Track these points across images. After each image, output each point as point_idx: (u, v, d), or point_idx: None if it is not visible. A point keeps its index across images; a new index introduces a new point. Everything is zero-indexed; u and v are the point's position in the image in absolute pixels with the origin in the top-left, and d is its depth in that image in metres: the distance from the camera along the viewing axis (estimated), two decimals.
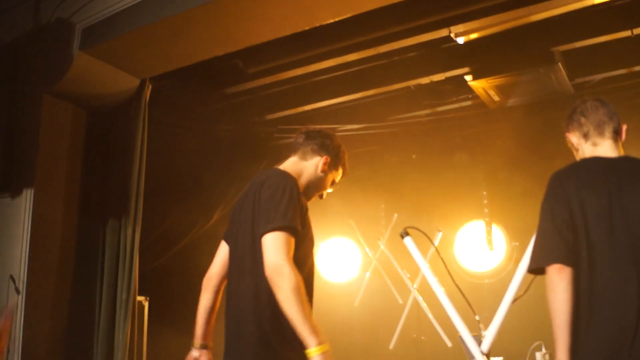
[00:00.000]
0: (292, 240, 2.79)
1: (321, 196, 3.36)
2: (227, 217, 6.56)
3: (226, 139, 6.57)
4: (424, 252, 3.82)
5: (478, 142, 6.68)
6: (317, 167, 3.22)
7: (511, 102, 5.68)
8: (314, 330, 2.65)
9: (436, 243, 6.69)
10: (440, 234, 6.72)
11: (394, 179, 7.12)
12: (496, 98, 5.56)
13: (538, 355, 4.37)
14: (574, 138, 3.09)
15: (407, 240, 3.31)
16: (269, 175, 3.00)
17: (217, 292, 3.19)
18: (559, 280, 2.61)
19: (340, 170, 3.35)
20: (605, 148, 2.95)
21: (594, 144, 2.96)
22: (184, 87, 5.67)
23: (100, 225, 4.91)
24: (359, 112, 6.40)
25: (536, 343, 4.45)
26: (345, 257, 7.48)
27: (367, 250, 7.27)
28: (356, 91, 6.02)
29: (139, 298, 5.34)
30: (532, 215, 6.15)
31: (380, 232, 7.26)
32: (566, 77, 5.20)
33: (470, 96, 5.90)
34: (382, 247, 7.09)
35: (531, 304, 4.34)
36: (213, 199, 6.73)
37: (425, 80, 5.70)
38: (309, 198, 3.26)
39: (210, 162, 6.41)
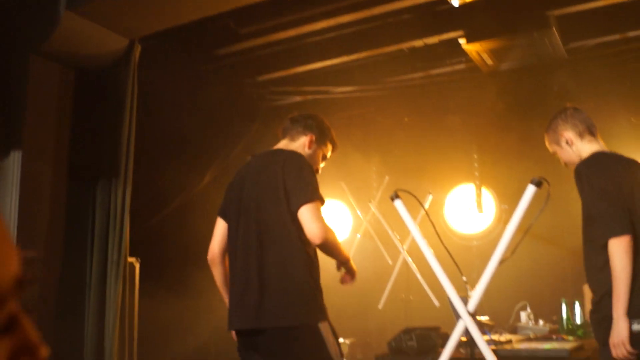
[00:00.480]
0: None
1: (317, 171, 3.63)
2: (219, 178, 6.63)
3: (218, 100, 6.54)
4: (414, 215, 3.85)
5: (470, 106, 6.68)
6: (304, 146, 3.58)
7: (504, 66, 5.66)
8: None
9: (426, 205, 6.73)
10: (431, 196, 6.76)
11: (386, 141, 7.14)
12: (489, 62, 5.55)
13: (523, 314, 4.45)
14: (569, 135, 3.49)
15: (398, 203, 3.33)
16: (285, 157, 3.38)
17: (224, 265, 3.54)
18: (630, 249, 3.00)
19: (329, 145, 3.72)
20: (600, 144, 3.46)
21: (590, 142, 3.44)
22: (174, 48, 5.62)
23: (90, 186, 4.91)
24: (352, 74, 6.38)
25: (521, 303, 4.52)
26: (336, 219, 7.52)
27: (358, 212, 7.31)
28: (349, 53, 5.98)
29: (130, 259, 5.37)
30: (521, 179, 6.19)
31: (372, 194, 7.30)
32: (560, 42, 5.18)
33: (463, 59, 5.87)
34: (372, 209, 7.14)
35: (517, 266, 4.41)
36: (205, 160, 6.73)
37: (419, 43, 5.67)
38: None
39: (202, 123, 6.39)
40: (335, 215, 7.54)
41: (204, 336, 6.69)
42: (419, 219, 5.99)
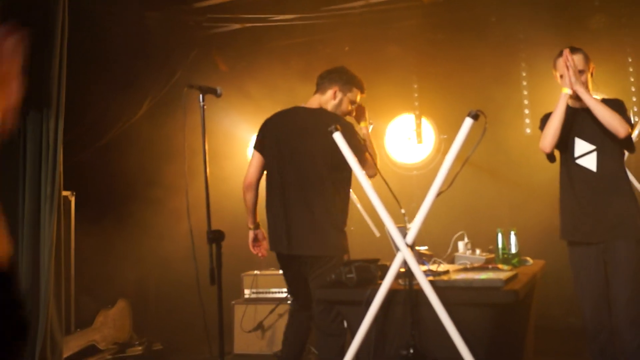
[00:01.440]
0: None
1: (347, 113, 4.31)
2: (157, 108, 6.47)
3: (154, 28, 6.31)
4: None
5: (411, 36, 6.63)
6: (332, 97, 4.19)
7: None
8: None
9: None
10: (372, 126, 6.75)
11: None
12: None
13: (461, 244, 4.54)
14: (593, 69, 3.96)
15: (337, 135, 3.31)
16: (330, 118, 4.01)
17: (257, 191, 4.19)
18: None
19: (355, 90, 4.27)
20: None
21: None
22: None
23: (20, 117, 4.71)
24: (292, 1, 6.23)
25: (459, 233, 4.60)
26: None
27: None
28: None
29: (65, 193, 5.24)
30: (460, 110, 6.25)
31: None
32: None
33: None
34: None
35: (456, 196, 4.48)
36: (141, 90, 6.55)
37: None
38: None
39: (138, 51, 6.18)
40: None
41: (144, 270, 6.66)
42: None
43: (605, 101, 3.75)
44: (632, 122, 5.92)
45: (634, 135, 5.81)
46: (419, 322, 3.10)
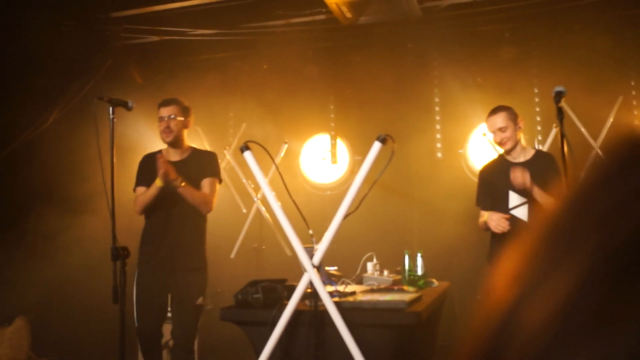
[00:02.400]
0: None
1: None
2: (67, 117, 6.28)
3: (69, 35, 6.16)
4: (268, 164, 3.86)
5: (329, 57, 6.73)
6: None
7: (362, 19, 5.72)
8: None
9: (282, 154, 6.77)
10: (286, 145, 6.80)
11: (244, 88, 7.05)
12: (348, 15, 5.58)
13: (369, 265, 4.60)
14: (522, 124, 4.19)
15: (247, 155, 3.31)
16: None
17: None
18: None
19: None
20: None
21: None
22: None
23: None
24: (211, 17, 6.21)
25: (368, 254, 4.67)
26: None
27: None
28: None
29: None
30: (374, 132, 6.37)
31: (228, 141, 7.22)
32: (415, 1, 5.30)
33: (323, 10, 5.89)
34: (228, 156, 7.08)
35: (367, 217, 4.55)
36: (52, 97, 6.37)
37: None
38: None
39: (51, 58, 6.01)
40: None
41: (46, 286, 6.41)
42: (272, 169, 6.02)
43: (538, 154, 4.01)
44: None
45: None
46: (324, 343, 3.12)
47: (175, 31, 6.42)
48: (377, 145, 3.13)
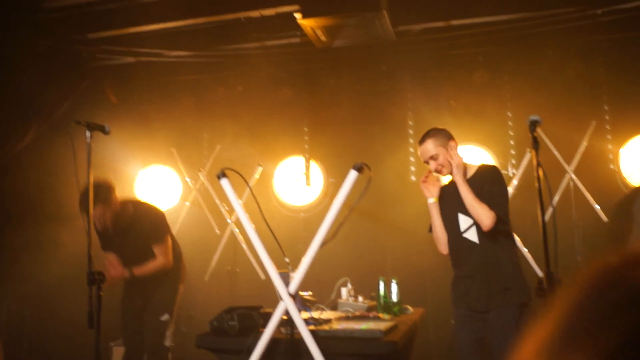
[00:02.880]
0: None
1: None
2: (43, 137, 6.21)
3: (44, 54, 6.10)
4: (243, 186, 3.85)
5: (304, 80, 6.75)
6: None
7: (337, 42, 5.76)
8: None
9: (256, 176, 6.75)
10: (261, 168, 6.78)
11: (219, 109, 7.04)
12: (323, 38, 5.61)
13: (344, 290, 4.60)
14: (453, 143, 3.86)
15: (224, 182, 3.30)
16: None
17: None
18: None
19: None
20: None
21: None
22: None
23: None
24: (186, 39, 6.21)
25: (343, 279, 4.66)
26: (165, 185, 7.34)
27: (188, 180, 7.19)
28: (185, 17, 5.83)
29: None
30: (348, 154, 6.39)
31: (202, 162, 7.19)
32: (389, 24, 5.34)
33: (298, 34, 5.91)
34: (202, 178, 7.04)
35: (342, 242, 4.55)
36: (27, 117, 6.30)
37: (255, 13, 5.64)
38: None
39: (27, 77, 5.95)
40: (164, 182, 7.35)
41: (18, 308, 6.30)
42: (247, 192, 6.00)
43: (482, 169, 3.81)
44: (511, 174, 6.26)
45: (515, 181, 6.14)
46: None
47: (151, 52, 6.41)
48: (353, 174, 3.14)
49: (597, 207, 6.04)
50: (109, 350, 5.97)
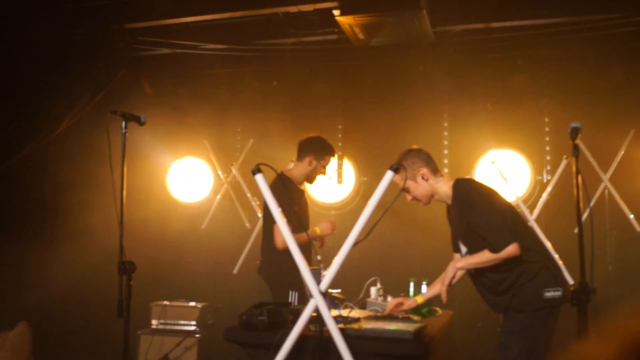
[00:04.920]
0: None
1: (314, 180, 4.99)
2: (77, 126, 6.28)
3: (81, 44, 6.17)
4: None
5: (339, 77, 6.73)
6: (308, 164, 4.88)
7: (374, 41, 5.73)
8: None
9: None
10: (292, 164, 6.77)
11: (254, 104, 7.05)
12: (361, 36, 5.59)
13: (373, 289, 4.58)
14: (425, 171, 3.75)
15: (259, 177, 3.30)
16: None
17: None
18: None
19: (327, 157, 4.94)
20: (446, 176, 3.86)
21: (442, 175, 3.81)
22: None
23: None
24: (223, 32, 6.23)
25: (372, 278, 4.65)
26: (197, 178, 7.38)
27: (220, 173, 7.22)
28: (222, 11, 5.84)
29: None
30: (381, 153, 6.35)
31: (235, 156, 7.21)
32: (429, 24, 5.30)
33: (336, 30, 5.89)
34: (234, 171, 7.07)
35: (371, 242, 4.52)
36: (63, 106, 6.38)
37: (293, 8, 5.63)
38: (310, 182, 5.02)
39: (63, 66, 6.02)
40: (196, 174, 7.39)
41: (49, 293, 6.37)
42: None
43: (456, 194, 3.69)
44: (545, 180, 6.15)
45: (549, 187, 6.05)
46: None
47: (187, 44, 6.43)
48: (389, 174, 3.13)
49: (632, 216, 5.94)
50: (137, 339, 6.03)
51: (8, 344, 5.88)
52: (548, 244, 5.00)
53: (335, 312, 3.57)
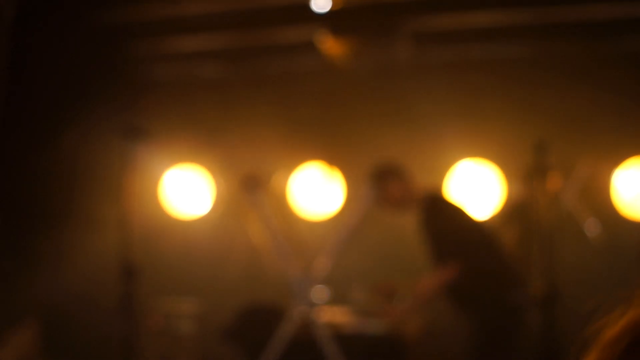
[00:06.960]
0: None
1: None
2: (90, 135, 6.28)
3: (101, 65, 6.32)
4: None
5: (322, 100, 6.75)
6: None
7: (359, 64, 6.01)
8: None
9: (275, 183, 6.85)
10: (280, 175, 6.85)
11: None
12: (343, 59, 5.86)
13: (358, 290, 4.63)
14: (399, 183, 3.94)
15: (250, 191, 3.66)
16: None
17: None
18: None
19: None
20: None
21: (415, 187, 4.05)
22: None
23: None
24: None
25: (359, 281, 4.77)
26: (194, 189, 7.27)
27: (216, 184, 7.12)
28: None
29: None
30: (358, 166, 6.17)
31: (231, 168, 6.90)
32: (411, 49, 5.66)
33: (319, 53, 5.96)
34: (230, 183, 6.96)
35: (357, 247, 4.69)
36: (73, 114, 6.34)
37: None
38: None
39: (78, 75, 6.08)
40: (193, 185, 7.34)
41: (61, 291, 6.37)
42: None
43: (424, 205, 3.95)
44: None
45: None
46: None
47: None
48: (370, 182, 3.52)
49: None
50: (137, 338, 6.01)
51: (17, 342, 5.96)
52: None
53: (324, 314, 3.76)
